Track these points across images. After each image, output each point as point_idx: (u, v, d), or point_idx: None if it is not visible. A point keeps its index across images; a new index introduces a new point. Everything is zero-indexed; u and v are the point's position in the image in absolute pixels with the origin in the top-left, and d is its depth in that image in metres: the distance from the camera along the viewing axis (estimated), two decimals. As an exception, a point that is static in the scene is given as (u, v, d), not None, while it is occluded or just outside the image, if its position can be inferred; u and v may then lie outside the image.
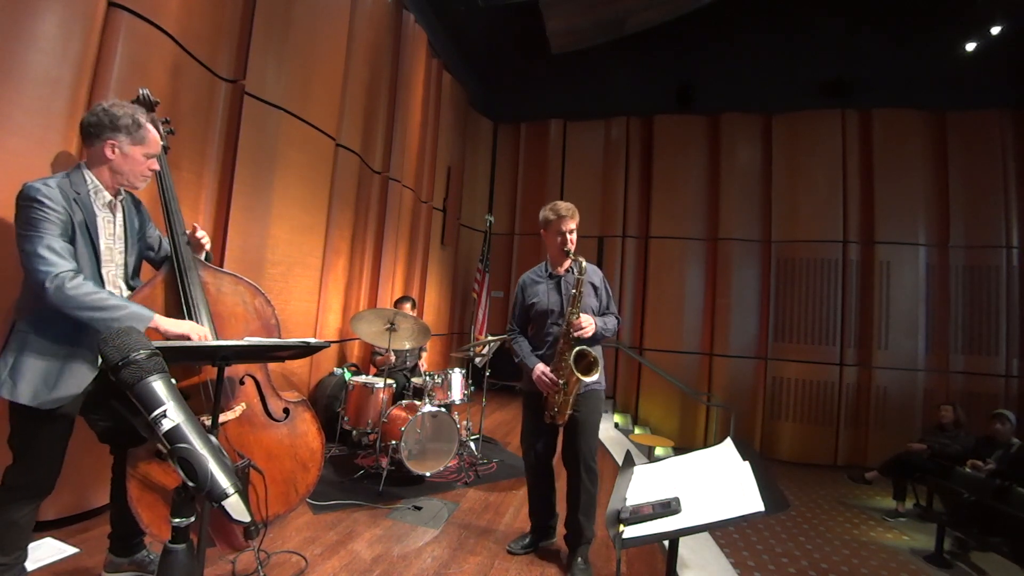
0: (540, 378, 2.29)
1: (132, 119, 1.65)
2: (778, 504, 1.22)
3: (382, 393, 3.45)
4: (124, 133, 1.64)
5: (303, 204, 3.72)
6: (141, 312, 1.54)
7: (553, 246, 2.41)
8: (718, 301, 6.95)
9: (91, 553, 2.03)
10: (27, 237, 1.48)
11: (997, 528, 3.58)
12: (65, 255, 1.50)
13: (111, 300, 1.52)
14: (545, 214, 2.41)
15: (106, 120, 1.62)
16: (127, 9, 2.38)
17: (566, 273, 2.42)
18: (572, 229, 2.37)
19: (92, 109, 1.66)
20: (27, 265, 1.49)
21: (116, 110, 1.63)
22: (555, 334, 2.36)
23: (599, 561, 2.42)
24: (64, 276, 1.46)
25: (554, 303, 2.39)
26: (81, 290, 1.47)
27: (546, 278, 2.46)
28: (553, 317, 2.39)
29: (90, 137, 1.64)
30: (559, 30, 6.14)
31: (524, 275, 2.57)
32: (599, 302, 2.44)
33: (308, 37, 3.63)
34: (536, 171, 7.90)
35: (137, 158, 1.68)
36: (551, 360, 2.32)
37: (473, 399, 4.05)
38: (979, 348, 6.15)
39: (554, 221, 2.37)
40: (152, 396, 0.87)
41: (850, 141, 6.59)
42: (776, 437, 6.58)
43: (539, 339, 2.44)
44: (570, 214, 2.36)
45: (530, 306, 2.46)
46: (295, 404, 1.93)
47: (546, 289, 2.43)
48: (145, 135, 1.69)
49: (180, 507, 0.89)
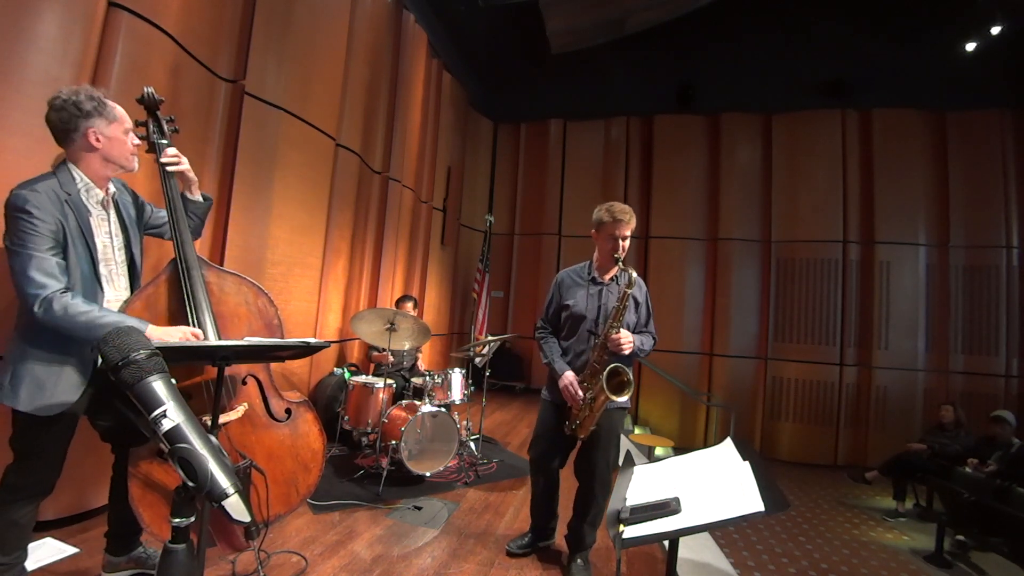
0: (567, 388, 2.16)
1: (91, 98, 1.54)
2: (778, 504, 1.22)
3: (382, 393, 3.45)
4: (96, 116, 1.54)
5: (303, 204, 3.72)
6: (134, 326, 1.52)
7: (603, 251, 2.26)
8: (718, 301, 6.95)
9: (91, 553, 2.03)
10: (16, 255, 1.43)
11: (997, 528, 3.58)
12: (56, 273, 1.46)
13: (103, 318, 1.47)
14: (599, 215, 2.23)
15: (73, 109, 1.51)
16: (127, 9, 2.38)
17: (610, 282, 2.28)
18: (626, 235, 2.19)
19: (52, 105, 1.52)
20: (17, 286, 1.45)
21: (73, 96, 1.52)
22: (586, 344, 2.24)
23: (599, 562, 2.42)
24: (51, 298, 1.42)
25: (591, 310, 2.24)
26: (71, 311, 1.43)
27: (588, 282, 2.30)
28: (587, 324, 2.25)
29: (66, 132, 1.53)
30: (559, 30, 6.14)
31: (563, 272, 2.41)
32: (638, 318, 2.29)
33: (308, 37, 3.63)
34: (536, 171, 7.90)
35: (119, 137, 1.61)
36: (578, 369, 2.22)
37: (473, 399, 4.05)
38: (979, 348, 6.15)
39: (608, 224, 2.19)
40: (152, 396, 0.87)
41: (850, 141, 6.60)
42: (776, 437, 6.58)
43: (568, 344, 2.31)
44: (627, 219, 2.18)
45: (564, 307, 2.31)
46: (297, 404, 1.93)
47: (586, 295, 2.27)
48: (112, 110, 1.59)
49: (180, 507, 0.89)
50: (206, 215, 2.02)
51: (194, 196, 1.93)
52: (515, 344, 7.41)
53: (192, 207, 1.92)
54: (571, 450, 2.33)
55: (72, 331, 1.46)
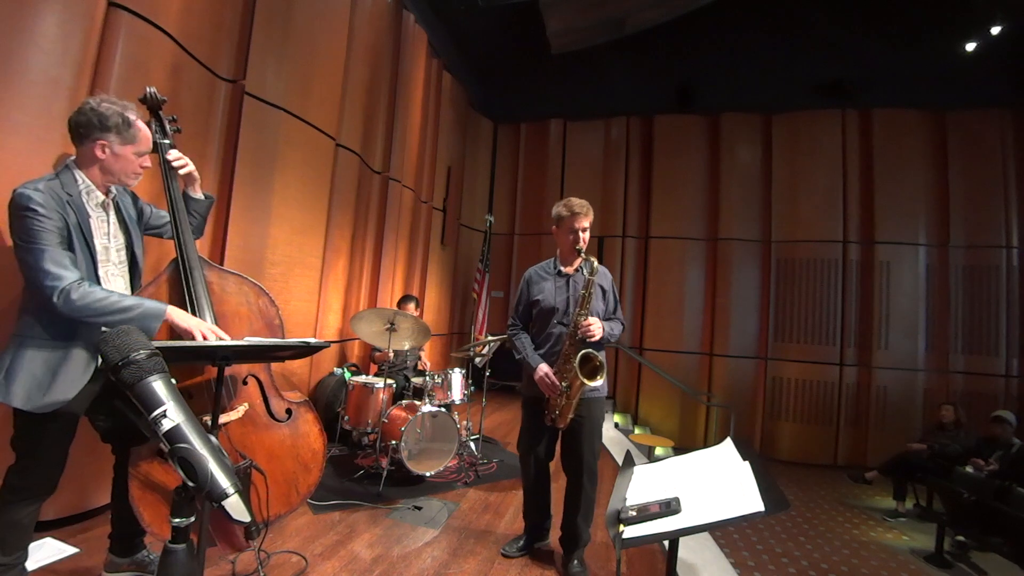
0: (543, 379, 2.25)
1: (122, 117, 1.59)
2: (778, 504, 1.22)
3: (382, 393, 3.45)
4: (114, 133, 1.59)
5: (303, 204, 3.72)
6: (155, 308, 1.55)
7: (564, 243, 2.36)
8: (718, 301, 6.95)
9: (91, 553, 2.03)
10: (28, 250, 1.46)
11: (997, 528, 3.58)
12: (69, 265, 1.49)
13: (123, 301, 1.52)
14: (558, 210, 2.35)
15: (95, 120, 1.56)
16: (127, 9, 2.38)
17: (576, 272, 2.37)
18: (585, 227, 2.30)
19: (80, 107, 1.58)
20: (32, 280, 1.48)
21: (105, 109, 1.57)
22: (557, 334, 2.32)
23: (598, 561, 2.42)
24: (70, 288, 1.45)
25: (560, 302, 2.34)
26: (90, 298, 1.47)
27: (554, 275, 2.40)
28: (558, 316, 2.33)
29: (79, 137, 1.59)
30: (559, 30, 6.14)
31: (530, 269, 2.50)
32: (606, 306, 2.38)
33: (308, 37, 3.63)
34: (536, 171, 7.90)
35: (128, 157, 1.64)
36: (552, 361, 2.29)
37: (473, 399, 4.05)
38: (979, 348, 6.15)
39: (567, 218, 2.31)
40: (152, 396, 0.87)
41: (850, 141, 6.59)
42: (776, 437, 6.58)
43: (541, 338, 2.39)
44: (584, 211, 2.30)
45: (535, 302, 2.40)
46: (297, 405, 1.93)
47: (553, 287, 2.37)
48: (136, 134, 1.64)
49: (180, 507, 0.89)
50: (208, 213, 2.03)
51: (196, 194, 1.94)
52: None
53: (194, 205, 1.93)
54: (555, 441, 2.38)
55: (93, 318, 1.49)
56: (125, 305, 1.51)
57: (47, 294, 1.45)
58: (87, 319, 1.49)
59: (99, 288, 1.52)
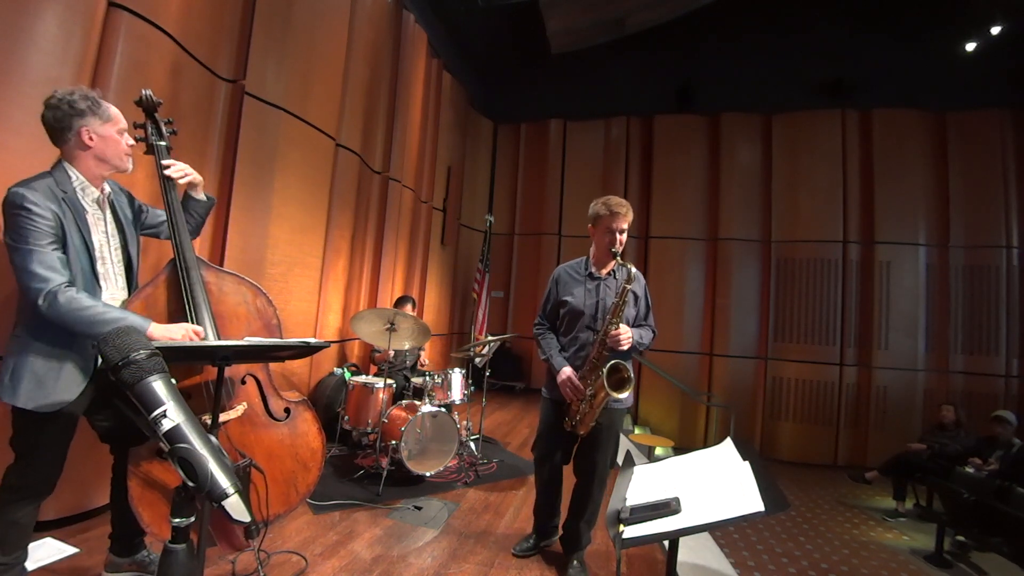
0: (566, 383, 2.14)
1: (88, 98, 1.55)
2: (778, 504, 1.22)
3: (382, 393, 3.45)
4: (91, 115, 1.55)
5: (303, 204, 3.72)
6: (137, 323, 1.52)
7: (599, 244, 2.24)
8: (718, 301, 6.95)
9: (91, 553, 2.03)
10: (18, 251, 1.44)
11: (997, 528, 3.58)
12: (58, 267, 1.46)
13: (107, 314, 1.48)
14: (596, 208, 2.21)
15: (67, 108, 1.52)
16: (127, 9, 2.38)
17: (608, 276, 2.27)
18: (624, 228, 2.16)
19: (47, 103, 1.53)
20: (20, 281, 1.46)
21: (69, 96, 1.53)
22: (584, 340, 2.22)
23: (599, 562, 2.42)
24: (56, 291, 1.43)
25: (590, 306, 2.23)
26: (74, 305, 1.44)
27: (585, 277, 2.28)
28: (586, 320, 2.23)
29: (60, 131, 1.54)
30: (559, 30, 6.15)
31: (560, 268, 2.40)
32: (637, 312, 2.27)
33: (308, 37, 3.63)
34: (536, 171, 7.90)
35: (112, 136, 1.61)
36: (578, 366, 2.20)
37: (473, 399, 4.05)
38: (979, 348, 6.15)
39: (605, 217, 2.17)
40: (152, 396, 0.87)
41: (850, 141, 6.60)
42: (776, 437, 6.58)
43: (567, 340, 2.28)
44: (624, 211, 2.15)
45: (562, 303, 2.29)
46: (296, 404, 1.93)
47: (584, 290, 2.26)
48: (107, 110, 1.60)
49: (180, 507, 0.89)
50: (207, 214, 2.02)
51: (198, 196, 1.93)
52: (515, 344, 7.40)
53: (195, 206, 1.92)
54: (573, 445, 2.32)
55: (74, 326, 1.46)
56: (108, 318, 1.47)
57: (32, 297, 1.43)
58: (70, 327, 1.46)
59: (86, 296, 1.49)
